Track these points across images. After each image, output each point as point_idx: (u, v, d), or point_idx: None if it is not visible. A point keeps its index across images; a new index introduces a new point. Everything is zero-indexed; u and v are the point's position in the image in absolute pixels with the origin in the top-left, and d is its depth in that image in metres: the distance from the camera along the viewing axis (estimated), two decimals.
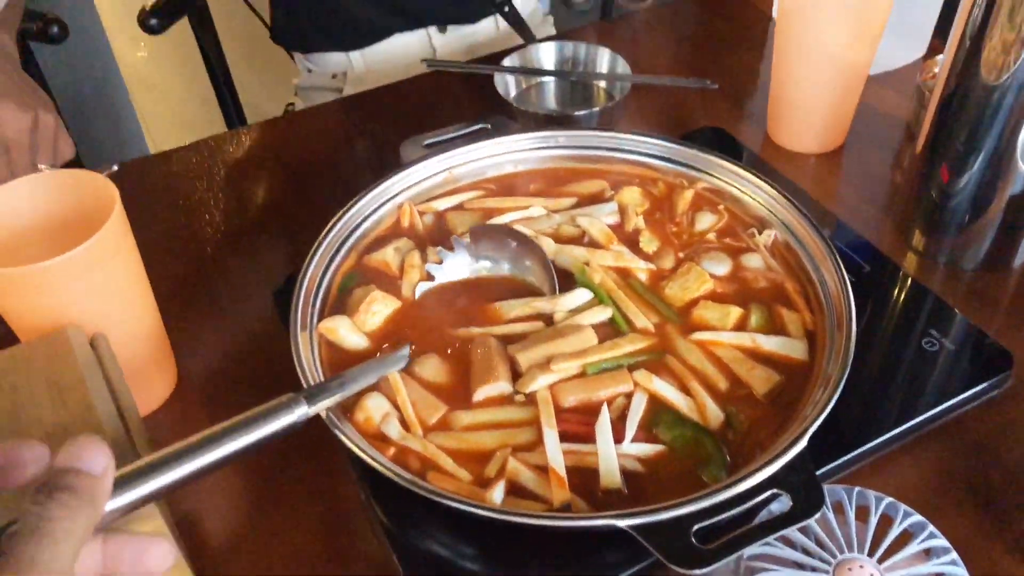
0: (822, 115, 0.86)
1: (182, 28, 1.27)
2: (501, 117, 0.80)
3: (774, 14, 1.06)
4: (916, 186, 0.76)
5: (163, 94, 2.28)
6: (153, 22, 1.20)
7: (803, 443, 0.51)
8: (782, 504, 0.49)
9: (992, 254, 0.75)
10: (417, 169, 0.75)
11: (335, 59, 1.19)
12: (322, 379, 0.58)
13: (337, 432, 0.53)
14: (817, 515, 0.47)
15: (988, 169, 0.70)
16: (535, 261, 0.68)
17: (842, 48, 0.81)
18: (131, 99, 2.09)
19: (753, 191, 0.72)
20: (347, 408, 0.58)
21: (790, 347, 0.62)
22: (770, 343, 0.62)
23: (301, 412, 0.49)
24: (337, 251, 0.69)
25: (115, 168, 0.77)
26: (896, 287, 0.72)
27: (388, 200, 0.74)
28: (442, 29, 1.17)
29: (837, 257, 0.64)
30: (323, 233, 0.68)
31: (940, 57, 0.77)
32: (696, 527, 0.47)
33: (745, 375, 0.60)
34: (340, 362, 0.62)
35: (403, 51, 1.15)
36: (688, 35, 1.14)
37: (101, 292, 0.59)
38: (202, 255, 0.83)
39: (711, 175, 0.74)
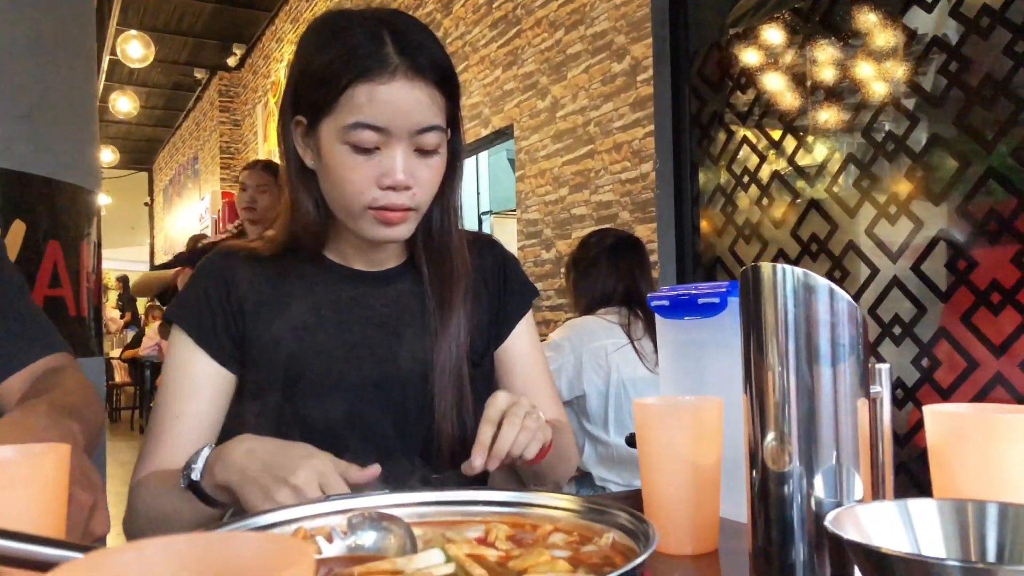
0: (687, 512, 0.98)
1: None
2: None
3: None
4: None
5: None
6: None
7: None
8: None
9: None
10: (315, 507, 0.87)
11: None
12: None
13: None
14: None
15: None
16: (401, 535, 0.76)
17: (688, 448, 0.97)
18: None
19: (603, 519, 0.82)
20: None
21: None
22: None
23: None
24: None
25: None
26: None
27: (281, 523, 0.84)
28: None
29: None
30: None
31: None
32: None
33: None
34: None
35: None
36: None
37: None
38: None
39: (571, 511, 0.85)
